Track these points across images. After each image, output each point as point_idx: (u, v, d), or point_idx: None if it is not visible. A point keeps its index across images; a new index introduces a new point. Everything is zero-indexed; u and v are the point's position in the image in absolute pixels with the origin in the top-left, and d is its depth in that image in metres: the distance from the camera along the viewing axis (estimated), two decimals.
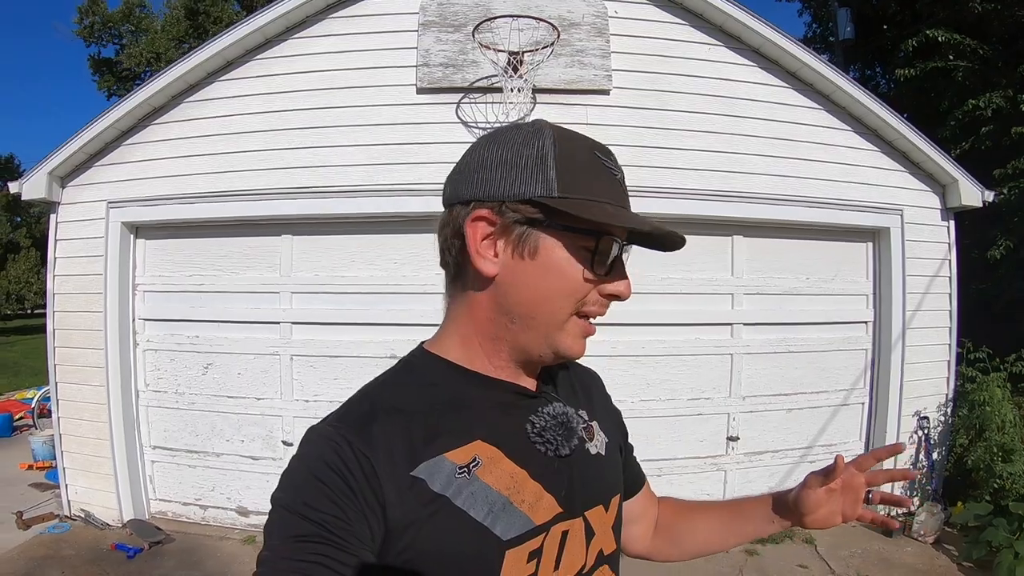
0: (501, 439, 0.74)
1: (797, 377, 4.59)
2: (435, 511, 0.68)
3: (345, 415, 0.72)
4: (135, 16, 27.47)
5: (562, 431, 0.79)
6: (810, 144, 4.42)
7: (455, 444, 0.71)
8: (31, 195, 4.41)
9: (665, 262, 4.26)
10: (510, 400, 0.78)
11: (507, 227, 0.71)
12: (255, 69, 4.21)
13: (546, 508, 0.74)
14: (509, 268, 0.72)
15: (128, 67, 25.36)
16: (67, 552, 4.08)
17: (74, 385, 4.48)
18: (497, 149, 0.72)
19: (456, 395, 0.75)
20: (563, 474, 0.78)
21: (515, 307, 0.73)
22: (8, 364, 14.25)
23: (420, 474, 0.68)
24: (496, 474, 0.72)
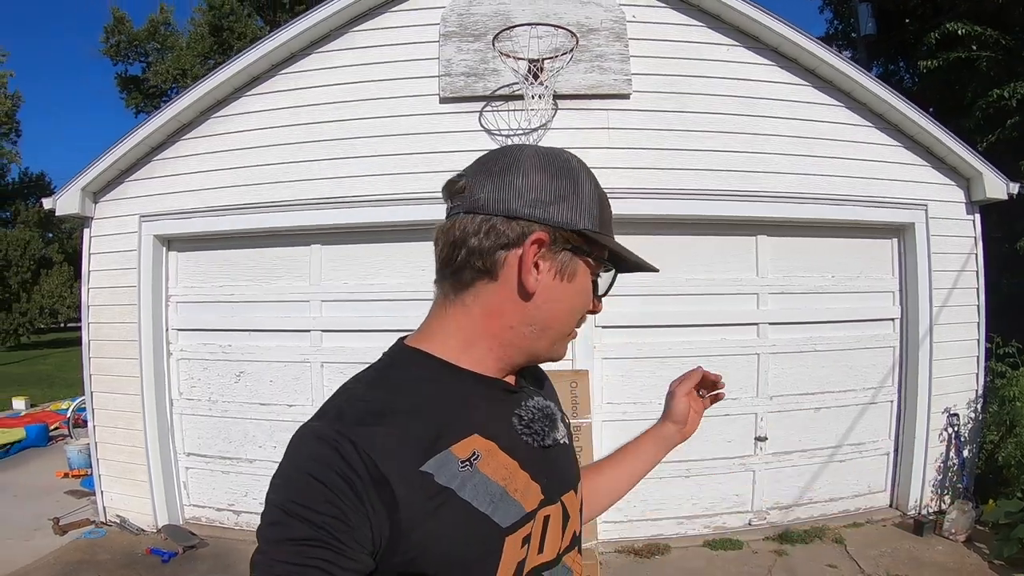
0: (494, 432, 0.77)
1: (824, 376, 4.50)
2: (442, 503, 0.69)
3: (343, 414, 0.71)
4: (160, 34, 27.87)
5: (547, 423, 0.84)
6: (831, 141, 4.34)
7: (456, 439, 0.73)
8: (65, 210, 4.48)
9: (690, 263, 4.24)
10: (498, 396, 0.81)
11: (554, 251, 0.77)
12: (280, 83, 4.24)
13: (533, 496, 0.78)
14: (547, 286, 0.77)
15: (155, 84, 25.75)
16: (102, 557, 4.13)
17: (109, 394, 4.53)
18: (551, 177, 0.77)
19: (451, 391, 0.77)
20: (545, 463, 0.82)
21: (543, 319, 0.79)
22: (43, 376, 14.51)
23: (429, 469, 0.69)
24: (493, 466, 0.75)
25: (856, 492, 4.57)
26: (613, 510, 3.92)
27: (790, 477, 4.45)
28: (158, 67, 26.41)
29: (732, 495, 4.37)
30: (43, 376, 14.65)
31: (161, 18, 28.06)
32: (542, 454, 0.82)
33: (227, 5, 23.93)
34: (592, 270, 0.81)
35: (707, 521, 4.33)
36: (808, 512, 4.45)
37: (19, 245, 24.66)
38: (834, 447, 4.51)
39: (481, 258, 0.76)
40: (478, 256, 0.76)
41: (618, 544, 4.13)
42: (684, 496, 4.29)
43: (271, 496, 0.68)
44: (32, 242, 25.39)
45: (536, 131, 3.92)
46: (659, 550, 4.11)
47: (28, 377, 14.57)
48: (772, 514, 4.41)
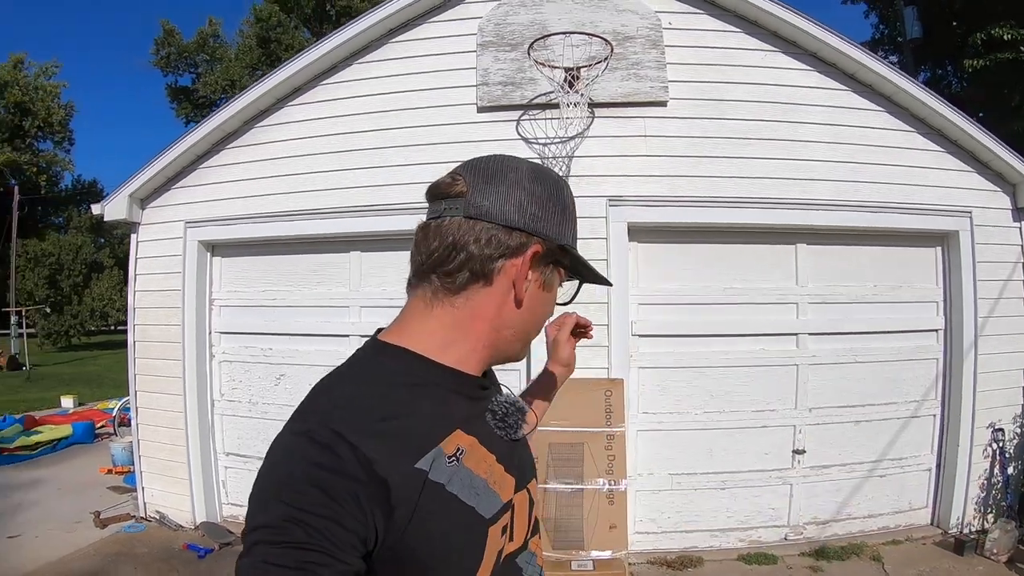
0: (473, 428, 0.78)
1: (865, 388, 4.30)
2: (434, 499, 0.69)
3: (333, 414, 0.68)
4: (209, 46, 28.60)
5: (519, 416, 0.85)
6: (872, 147, 4.17)
7: (444, 435, 0.73)
8: (113, 216, 4.56)
9: (729, 272, 4.11)
10: (475, 393, 0.82)
11: (543, 262, 0.80)
12: (321, 94, 4.26)
13: (508, 486, 0.80)
14: (532, 295, 0.80)
15: (204, 94, 26.40)
16: (140, 550, 4.17)
17: (153, 394, 4.59)
18: (546, 193, 0.80)
19: (435, 388, 0.77)
20: (515, 455, 0.84)
21: (523, 325, 0.82)
22: (93, 377, 14.86)
23: (423, 466, 0.69)
24: (475, 460, 0.75)
25: (896, 508, 4.35)
26: (646, 520, 3.82)
27: (828, 491, 4.26)
28: (207, 78, 27.08)
29: (768, 508, 4.19)
30: (92, 376, 14.99)
31: (210, 30, 28.84)
32: (512, 447, 0.84)
33: (274, 18, 24.40)
34: (561, 279, 0.85)
35: (742, 535, 4.17)
36: (846, 528, 4.25)
37: (71, 249, 25.51)
38: (874, 461, 4.31)
39: (480, 264, 0.76)
40: (477, 262, 0.76)
41: (650, 555, 3.99)
42: (719, 508, 4.13)
43: (263, 498, 0.64)
44: (84, 247, 26.24)
45: (573, 139, 3.86)
46: (692, 563, 3.96)
47: (78, 377, 14.95)
48: (809, 529, 4.23)
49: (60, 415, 8.50)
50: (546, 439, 3.53)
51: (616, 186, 3.87)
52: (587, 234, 3.84)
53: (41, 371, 16.02)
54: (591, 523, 3.39)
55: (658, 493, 4.06)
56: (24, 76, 29.25)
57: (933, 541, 4.19)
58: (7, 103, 28.10)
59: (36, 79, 29.84)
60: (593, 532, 3.38)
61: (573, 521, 3.39)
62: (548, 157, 3.87)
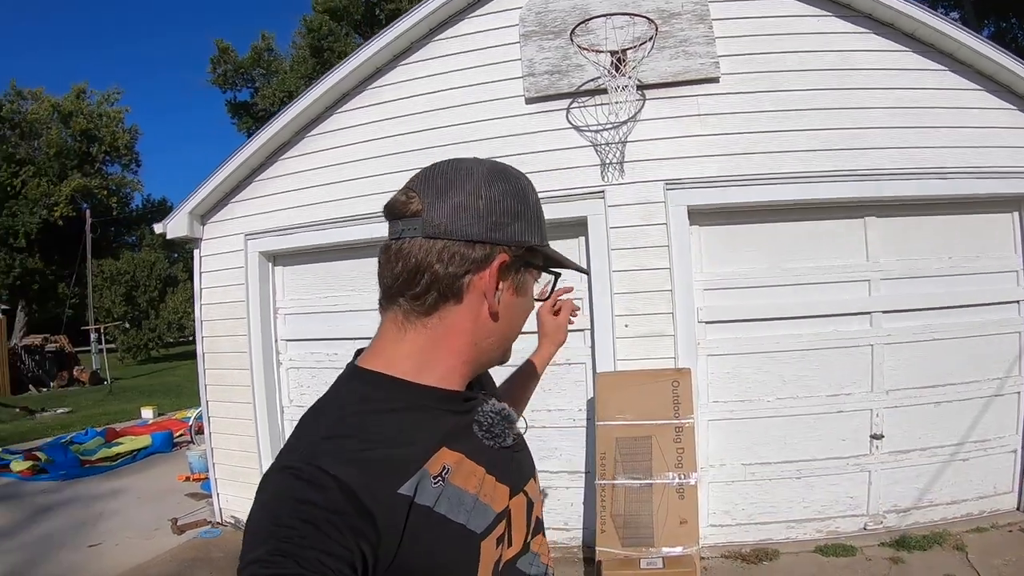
0: (459, 443, 0.75)
1: (944, 367, 3.95)
2: (422, 523, 0.67)
3: (315, 450, 0.67)
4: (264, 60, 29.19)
5: (506, 424, 0.83)
6: (938, 110, 3.81)
7: (427, 456, 0.71)
8: (175, 234, 4.61)
9: (794, 251, 3.86)
10: (459, 407, 0.79)
11: (512, 269, 0.76)
12: (368, 98, 4.20)
13: (502, 497, 0.78)
14: (507, 303, 0.77)
15: (263, 107, 26.99)
16: (216, 555, 4.22)
17: (224, 403, 4.64)
18: (505, 196, 0.75)
19: (415, 409, 0.74)
20: (508, 462, 0.82)
21: (503, 332, 0.79)
22: (172, 387, 15.34)
23: (406, 491, 0.67)
24: (463, 476, 0.74)
25: (980, 494, 3.99)
26: (720, 512, 3.61)
27: (908, 478, 3.94)
28: (265, 91, 27.65)
29: (846, 497, 3.91)
30: (171, 387, 15.46)
31: (263, 45, 29.45)
32: (504, 454, 0.82)
33: (324, 27, 24.60)
34: (535, 278, 0.82)
35: (819, 525, 3.90)
36: (927, 516, 3.92)
37: (145, 266, 26.58)
38: (956, 444, 3.95)
39: (447, 283, 0.73)
40: (444, 282, 0.73)
41: (724, 549, 3.78)
42: (795, 498, 3.88)
43: (254, 535, 0.63)
44: (157, 263, 27.31)
45: (625, 124, 3.66)
46: (767, 555, 3.73)
47: (157, 388, 15.43)
48: (889, 518, 3.92)
49: (140, 426, 8.81)
50: (612, 433, 3.37)
51: (673, 169, 3.67)
52: (644, 221, 3.66)
53: (122, 384, 16.69)
54: (660, 519, 3.21)
55: (731, 484, 3.85)
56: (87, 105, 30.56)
57: (1020, 528, 3.82)
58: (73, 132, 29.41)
59: (99, 106, 31.14)
60: (663, 528, 3.20)
61: (642, 517, 3.22)
62: (600, 144, 3.70)
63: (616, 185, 3.68)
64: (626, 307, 3.66)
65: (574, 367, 3.96)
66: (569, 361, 3.95)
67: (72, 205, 28.54)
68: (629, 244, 3.66)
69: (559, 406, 3.96)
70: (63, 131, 29.35)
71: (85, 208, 26.81)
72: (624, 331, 3.65)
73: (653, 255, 3.64)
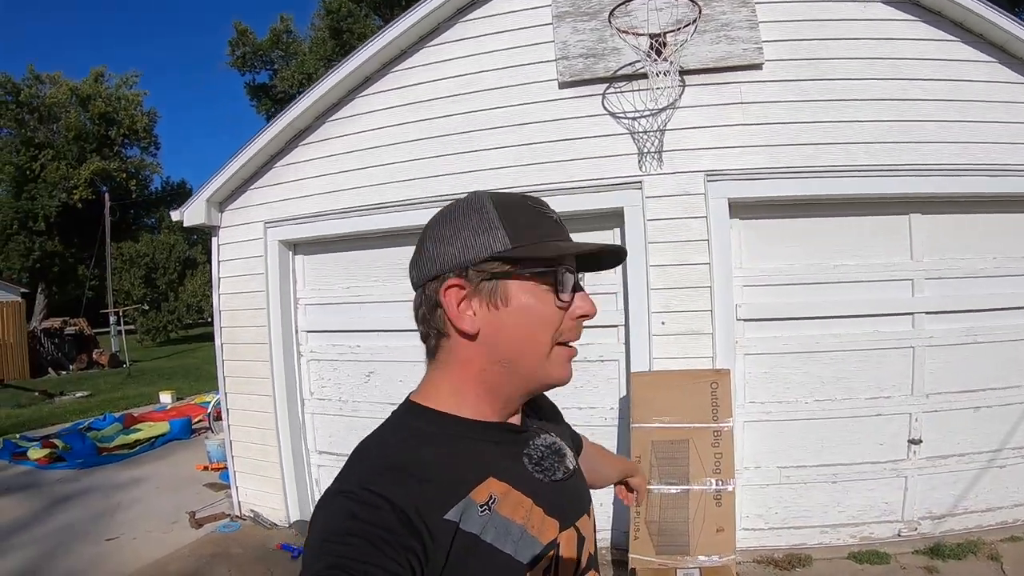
0: (507, 474, 0.77)
1: (984, 371, 3.71)
2: (468, 549, 0.68)
3: (369, 474, 0.70)
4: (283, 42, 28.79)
5: (556, 458, 0.85)
6: (986, 104, 3.52)
7: (473, 485, 0.73)
8: (192, 221, 4.40)
9: (837, 247, 3.62)
10: (505, 438, 0.81)
11: (477, 287, 0.75)
12: (392, 82, 3.94)
13: (550, 529, 0.78)
14: (488, 321, 0.75)
15: (282, 89, 26.64)
16: (235, 551, 4.05)
17: (243, 395, 4.46)
18: (447, 226, 0.77)
19: (461, 441, 0.77)
20: (559, 495, 0.82)
21: (505, 353, 0.76)
22: (191, 369, 15.23)
23: (452, 517, 0.69)
24: (511, 506, 0.74)
25: (1016, 501, 3.76)
26: (753, 516, 3.39)
27: (945, 484, 3.72)
28: (284, 73, 27.28)
29: (881, 503, 3.70)
30: (191, 369, 15.36)
31: (282, 27, 29.02)
32: (555, 487, 0.82)
33: (344, 8, 24.09)
34: (538, 282, 0.76)
35: (853, 531, 3.69)
36: (962, 523, 3.71)
37: (165, 248, 26.48)
38: (994, 451, 3.72)
39: (431, 324, 0.79)
40: (428, 323, 0.79)
41: (756, 554, 3.58)
42: (829, 503, 3.67)
43: (312, 550, 0.66)
44: (177, 245, 27.19)
45: (664, 111, 3.40)
46: (800, 561, 3.53)
47: (176, 371, 15.34)
48: (923, 524, 3.71)
49: (158, 412, 8.65)
50: (648, 437, 3.15)
51: (714, 159, 3.41)
52: (685, 214, 3.41)
53: (141, 367, 16.61)
54: (697, 526, 3.00)
55: (765, 488, 3.63)
56: (105, 88, 30.36)
57: None
58: (92, 115, 29.24)
59: (117, 90, 30.94)
60: (699, 536, 3.00)
61: (678, 525, 3.01)
62: (637, 132, 3.44)
63: (654, 175, 3.42)
64: (663, 304, 3.42)
65: (607, 364, 3.73)
66: (602, 358, 3.73)
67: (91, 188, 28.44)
68: (668, 237, 3.41)
69: (591, 403, 3.74)
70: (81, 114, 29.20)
71: (104, 191, 26.63)
72: (661, 328, 3.42)
73: (693, 249, 3.39)
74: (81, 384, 13.24)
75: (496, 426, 0.80)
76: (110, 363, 17.36)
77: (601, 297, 3.62)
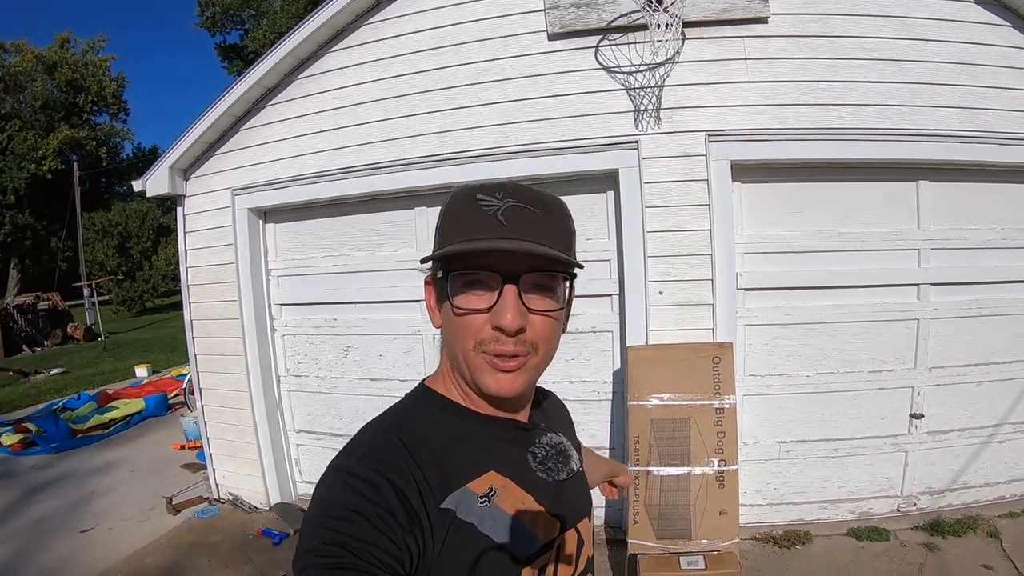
0: (510, 469, 0.77)
1: (988, 344, 3.59)
2: (464, 539, 0.68)
3: (372, 453, 0.71)
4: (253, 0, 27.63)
5: (560, 459, 0.85)
6: (999, 69, 3.31)
7: (473, 476, 0.73)
8: (156, 191, 4.11)
9: (842, 215, 3.43)
10: (511, 434, 0.81)
11: (435, 284, 0.78)
12: (366, 35, 3.61)
13: (550, 527, 0.78)
14: (440, 317, 0.78)
15: (253, 50, 25.76)
16: (215, 539, 3.85)
17: (216, 373, 4.22)
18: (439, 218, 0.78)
19: (467, 430, 0.77)
20: (561, 495, 0.82)
21: (449, 345, 0.78)
22: (168, 340, 14.83)
23: (449, 505, 0.69)
24: (510, 501, 0.74)
25: (1014, 477, 3.71)
26: (751, 492, 3.22)
27: (945, 459, 3.64)
28: (255, 33, 26.36)
29: (881, 478, 3.61)
30: (167, 339, 14.97)
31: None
32: (557, 487, 0.82)
33: None
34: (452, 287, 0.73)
35: (852, 506, 3.61)
36: (960, 498, 3.65)
37: (138, 217, 25.74)
38: (995, 426, 3.64)
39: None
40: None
41: (755, 530, 3.48)
42: (829, 478, 3.57)
43: (312, 525, 0.65)
44: (150, 213, 26.43)
45: (662, 66, 3.13)
46: (800, 539, 3.44)
47: (153, 342, 15.01)
48: (922, 499, 3.64)
49: (134, 387, 8.35)
50: (647, 415, 2.97)
51: (715, 119, 3.16)
52: (684, 176, 3.19)
53: (117, 339, 16.23)
54: (699, 509, 2.85)
55: (764, 463, 3.51)
56: (72, 55, 29.12)
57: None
58: (59, 83, 28.12)
59: (84, 55, 29.68)
60: (701, 519, 2.85)
61: (679, 508, 2.86)
62: (634, 88, 3.17)
63: (652, 135, 3.17)
64: (661, 272, 3.20)
65: (600, 335, 3.53)
66: (595, 329, 3.53)
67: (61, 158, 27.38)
68: (666, 202, 3.18)
69: (583, 377, 3.55)
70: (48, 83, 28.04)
71: (74, 160, 25.61)
72: (659, 299, 3.21)
73: (693, 214, 3.16)
74: (56, 360, 12.84)
75: (503, 421, 0.80)
76: (85, 336, 16.91)
77: (593, 264, 3.42)
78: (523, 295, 0.71)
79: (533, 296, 0.72)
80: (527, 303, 0.71)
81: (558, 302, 0.75)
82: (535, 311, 0.72)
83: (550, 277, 0.73)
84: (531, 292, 0.72)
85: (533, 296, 0.72)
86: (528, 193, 0.74)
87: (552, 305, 0.74)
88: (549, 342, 0.75)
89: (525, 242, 0.69)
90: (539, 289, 0.72)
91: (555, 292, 0.74)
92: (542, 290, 0.72)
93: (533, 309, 0.72)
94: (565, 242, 0.75)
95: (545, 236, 0.72)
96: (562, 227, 0.76)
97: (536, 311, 0.72)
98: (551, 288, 0.73)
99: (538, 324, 0.72)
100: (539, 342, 0.73)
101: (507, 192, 0.73)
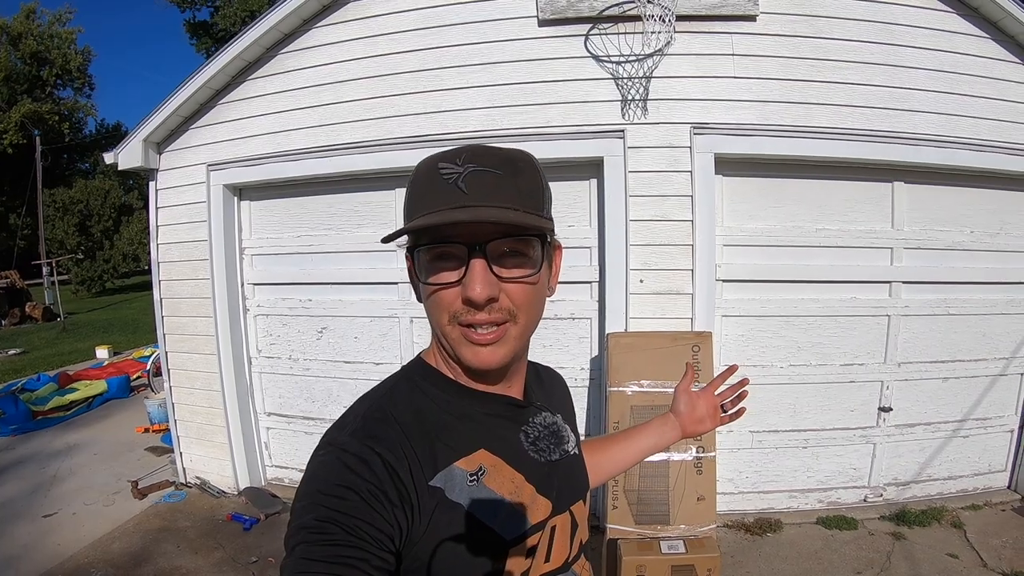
0: (500, 448, 0.76)
1: (956, 342, 3.75)
2: (451, 517, 0.68)
3: (364, 427, 0.70)
4: None
5: (553, 439, 0.84)
6: (975, 79, 3.45)
7: (463, 454, 0.72)
8: (127, 164, 3.99)
9: (820, 211, 3.52)
10: (504, 411, 0.79)
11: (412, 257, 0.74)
12: (352, 11, 3.56)
13: (541, 508, 0.77)
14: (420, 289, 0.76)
15: (224, 28, 25.17)
16: (183, 524, 3.77)
17: (185, 354, 4.13)
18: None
19: (460, 406, 0.76)
20: (553, 476, 0.80)
21: (430, 323, 0.76)
22: (128, 321, 14.51)
23: (437, 483, 0.69)
24: (499, 480, 0.73)
25: (976, 471, 3.89)
26: (724, 480, 3.29)
27: (911, 452, 3.79)
28: (226, 11, 25.78)
29: (849, 468, 3.74)
30: (128, 321, 14.66)
31: None
32: (550, 467, 0.81)
33: None
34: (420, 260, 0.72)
35: (821, 496, 3.73)
36: (925, 490, 3.81)
37: (100, 194, 24.93)
38: (959, 421, 3.81)
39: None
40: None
41: (726, 518, 3.57)
42: (800, 468, 3.68)
43: (303, 502, 0.65)
44: (112, 191, 25.62)
45: (651, 57, 3.16)
46: (770, 526, 3.53)
47: (114, 323, 14.66)
48: (888, 490, 3.79)
49: (95, 369, 8.11)
50: (627, 402, 3.01)
51: (701, 111, 3.21)
52: (669, 167, 3.23)
53: (76, 319, 15.77)
54: (678, 495, 2.90)
55: (737, 452, 3.59)
56: (38, 26, 28.19)
57: (1012, 507, 3.75)
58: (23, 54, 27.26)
59: (50, 27, 28.80)
60: (679, 505, 2.90)
61: (657, 494, 2.90)
62: (622, 77, 3.19)
63: (638, 124, 3.20)
64: (642, 261, 3.25)
65: (579, 322, 3.56)
66: (574, 316, 3.56)
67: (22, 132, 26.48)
68: (650, 191, 3.22)
69: (560, 363, 3.57)
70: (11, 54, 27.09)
71: (36, 135, 24.74)
72: (639, 287, 3.25)
73: (675, 205, 3.21)
74: (14, 340, 12.44)
75: (496, 397, 0.79)
76: (44, 317, 16.41)
77: (573, 252, 3.45)
78: (493, 264, 0.68)
79: (505, 262, 0.69)
80: (498, 272, 0.68)
81: (533, 266, 0.71)
82: (507, 279, 0.69)
83: (521, 242, 0.69)
84: (503, 258, 0.69)
85: (505, 262, 0.69)
86: (492, 154, 0.70)
87: (526, 271, 0.70)
88: (529, 309, 0.72)
89: (485, 208, 0.66)
90: (511, 255, 0.69)
91: (529, 256, 0.70)
92: (514, 256, 0.69)
93: (504, 277, 0.69)
94: (534, 202, 0.71)
95: (510, 199, 0.68)
96: (530, 186, 0.71)
97: (509, 279, 0.69)
98: (523, 253, 0.70)
99: (513, 291, 0.70)
100: (517, 309, 0.71)
101: (469, 156, 0.69)
